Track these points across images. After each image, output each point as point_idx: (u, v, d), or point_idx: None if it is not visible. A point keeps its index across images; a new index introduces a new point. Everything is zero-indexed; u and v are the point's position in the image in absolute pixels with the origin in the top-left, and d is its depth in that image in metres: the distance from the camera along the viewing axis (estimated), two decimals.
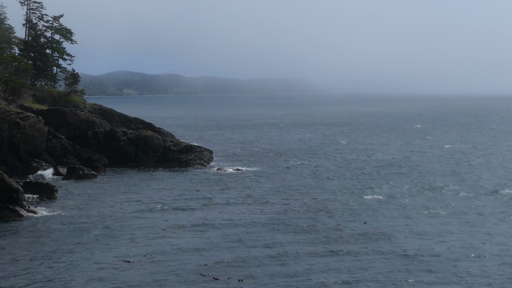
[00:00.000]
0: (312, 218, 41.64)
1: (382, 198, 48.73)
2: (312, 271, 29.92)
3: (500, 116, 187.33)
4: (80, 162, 64.35)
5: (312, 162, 71.96)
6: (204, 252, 33.12)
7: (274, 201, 47.74)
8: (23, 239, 36.18)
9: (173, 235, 37.12)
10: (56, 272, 29.81)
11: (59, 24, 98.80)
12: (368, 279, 28.65)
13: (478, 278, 28.97)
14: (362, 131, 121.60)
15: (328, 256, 32.55)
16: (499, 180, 57.86)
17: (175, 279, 28.79)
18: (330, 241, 35.65)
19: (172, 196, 50.31)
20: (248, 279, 28.69)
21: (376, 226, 39.24)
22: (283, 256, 32.44)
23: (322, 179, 59.09)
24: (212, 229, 38.69)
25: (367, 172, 62.77)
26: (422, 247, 34.07)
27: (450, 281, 28.58)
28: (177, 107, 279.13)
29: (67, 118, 72.67)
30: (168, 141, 73.11)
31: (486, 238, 36.30)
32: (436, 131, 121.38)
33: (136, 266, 30.68)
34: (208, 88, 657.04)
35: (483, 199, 48.59)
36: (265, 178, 60.00)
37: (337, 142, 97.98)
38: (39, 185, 50.39)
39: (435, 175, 61.00)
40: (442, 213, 43.37)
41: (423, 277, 29.03)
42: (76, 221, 40.94)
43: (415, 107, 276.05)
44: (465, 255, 32.61)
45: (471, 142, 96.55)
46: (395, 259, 31.78)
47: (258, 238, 36.20)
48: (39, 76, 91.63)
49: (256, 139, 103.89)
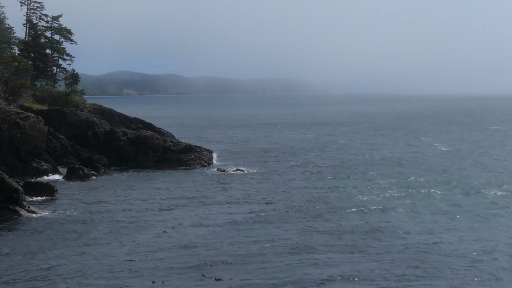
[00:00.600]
0: (314, 217, 41.63)
1: (382, 197, 48.74)
2: (316, 268, 29.91)
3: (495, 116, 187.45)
4: (80, 162, 64.33)
5: (312, 161, 71.91)
6: (205, 252, 33.06)
7: (274, 201, 47.70)
8: (23, 239, 36.14)
9: (173, 235, 37.08)
10: (56, 272, 29.78)
11: (59, 24, 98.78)
12: (372, 276, 28.68)
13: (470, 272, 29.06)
14: (362, 131, 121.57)
15: (331, 253, 32.57)
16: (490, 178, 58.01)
17: (176, 279, 28.76)
18: (332, 239, 35.64)
19: (172, 196, 50.28)
20: (250, 279, 28.66)
21: (377, 225, 39.26)
22: (285, 256, 32.43)
23: (323, 178, 59.04)
24: (213, 229, 38.65)
25: (367, 171, 62.72)
26: (423, 244, 34.12)
27: (449, 277, 28.71)
28: (177, 107, 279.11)
29: (67, 118, 72.65)
30: (168, 141, 73.11)
31: (495, 234, 36.40)
32: (435, 130, 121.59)
33: (136, 266, 30.63)
34: (208, 88, 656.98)
35: (482, 197, 48.63)
36: (266, 177, 59.97)
37: (337, 141, 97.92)
38: (39, 185, 50.38)
39: (438, 173, 61.07)
40: (447, 210, 43.45)
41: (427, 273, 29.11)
42: (76, 221, 40.90)
43: (414, 107, 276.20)
44: (471, 250, 32.74)
45: (469, 142, 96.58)
46: (396, 255, 31.84)
47: (259, 238, 36.17)
48: (39, 76, 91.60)
49: (257, 139, 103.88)
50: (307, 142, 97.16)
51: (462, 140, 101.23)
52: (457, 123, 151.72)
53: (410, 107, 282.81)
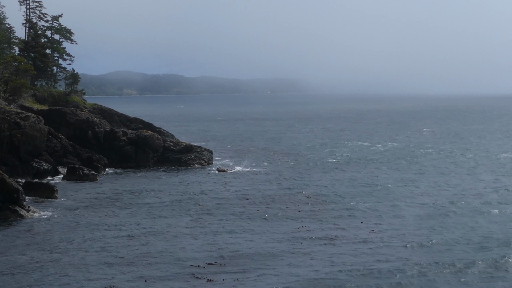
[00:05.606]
0: (313, 217, 41.69)
1: (384, 196, 48.84)
2: (313, 269, 29.98)
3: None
4: (80, 162, 64.35)
5: (312, 160, 71.96)
6: (202, 253, 33.09)
7: (274, 201, 47.75)
8: (23, 239, 36.23)
9: (171, 235, 37.14)
10: (56, 271, 29.86)
11: (59, 24, 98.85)
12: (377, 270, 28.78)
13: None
14: (362, 130, 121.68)
15: (331, 253, 32.70)
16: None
17: (169, 279, 28.82)
18: (333, 238, 35.74)
19: (171, 196, 50.31)
20: (244, 280, 28.69)
21: (377, 222, 39.36)
22: (284, 256, 32.50)
23: (323, 177, 59.04)
24: (212, 229, 38.70)
25: (367, 170, 62.84)
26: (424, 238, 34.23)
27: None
28: (177, 107, 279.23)
29: (67, 118, 72.69)
30: (168, 141, 73.17)
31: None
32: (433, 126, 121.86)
33: (130, 266, 30.73)
34: (208, 88, 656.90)
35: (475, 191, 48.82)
36: (266, 177, 59.99)
37: (337, 139, 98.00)
38: (39, 185, 50.45)
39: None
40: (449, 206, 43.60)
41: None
42: (76, 221, 40.98)
43: (413, 106, 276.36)
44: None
45: (468, 142, 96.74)
46: (399, 251, 31.96)
47: (259, 238, 36.24)
48: (39, 76, 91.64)
49: (257, 139, 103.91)
50: (307, 141, 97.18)
51: (462, 139, 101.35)
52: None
53: (410, 106, 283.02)
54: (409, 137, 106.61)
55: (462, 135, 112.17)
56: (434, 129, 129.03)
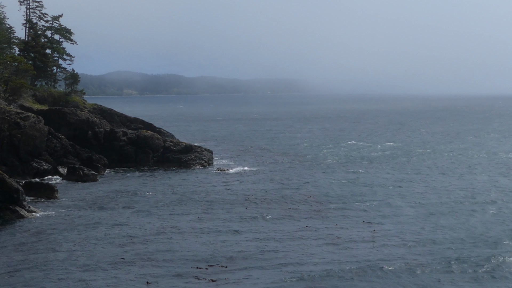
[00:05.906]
0: (314, 217, 41.67)
1: (383, 196, 48.83)
2: (316, 268, 29.97)
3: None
4: (80, 162, 64.31)
5: (313, 160, 71.95)
6: (202, 254, 33.02)
7: (274, 201, 47.72)
8: (23, 239, 36.19)
9: (171, 235, 37.08)
10: (56, 271, 29.82)
11: (59, 24, 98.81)
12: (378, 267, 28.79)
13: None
14: (362, 130, 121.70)
15: (333, 252, 32.70)
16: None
17: (171, 279, 28.78)
18: (334, 238, 35.73)
19: (171, 196, 50.28)
20: (247, 280, 28.68)
21: (378, 221, 39.36)
22: (286, 256, 32.47)
23: (323, 177, 59.03)
24: (212, 229, 38.66)
25: (367, 169, 62.83)
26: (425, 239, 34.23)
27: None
28: (177, 107, 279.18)
29: (67, 118, 72.66)
30: (168, 141, 73.13)
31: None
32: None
33: (132, 266, 30.70)
34: (208, 88, 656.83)
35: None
36: (266, 177, 59.97)
37: (337, 139, 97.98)
38: (39, 185, 50.41)
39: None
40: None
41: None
42: (76, 221, 40.94)
43: (413, 106, 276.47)
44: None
45: (467, 142, 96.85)
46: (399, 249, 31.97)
47: (260, 238, 36.21)
48: (39, 76, 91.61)
49: (257, 139, 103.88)
50: (307, 141, 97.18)
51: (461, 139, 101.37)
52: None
53: (410, 106, 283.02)
54: (409, 137, 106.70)
55: (461, 135, 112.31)
56: (433, 129, 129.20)
